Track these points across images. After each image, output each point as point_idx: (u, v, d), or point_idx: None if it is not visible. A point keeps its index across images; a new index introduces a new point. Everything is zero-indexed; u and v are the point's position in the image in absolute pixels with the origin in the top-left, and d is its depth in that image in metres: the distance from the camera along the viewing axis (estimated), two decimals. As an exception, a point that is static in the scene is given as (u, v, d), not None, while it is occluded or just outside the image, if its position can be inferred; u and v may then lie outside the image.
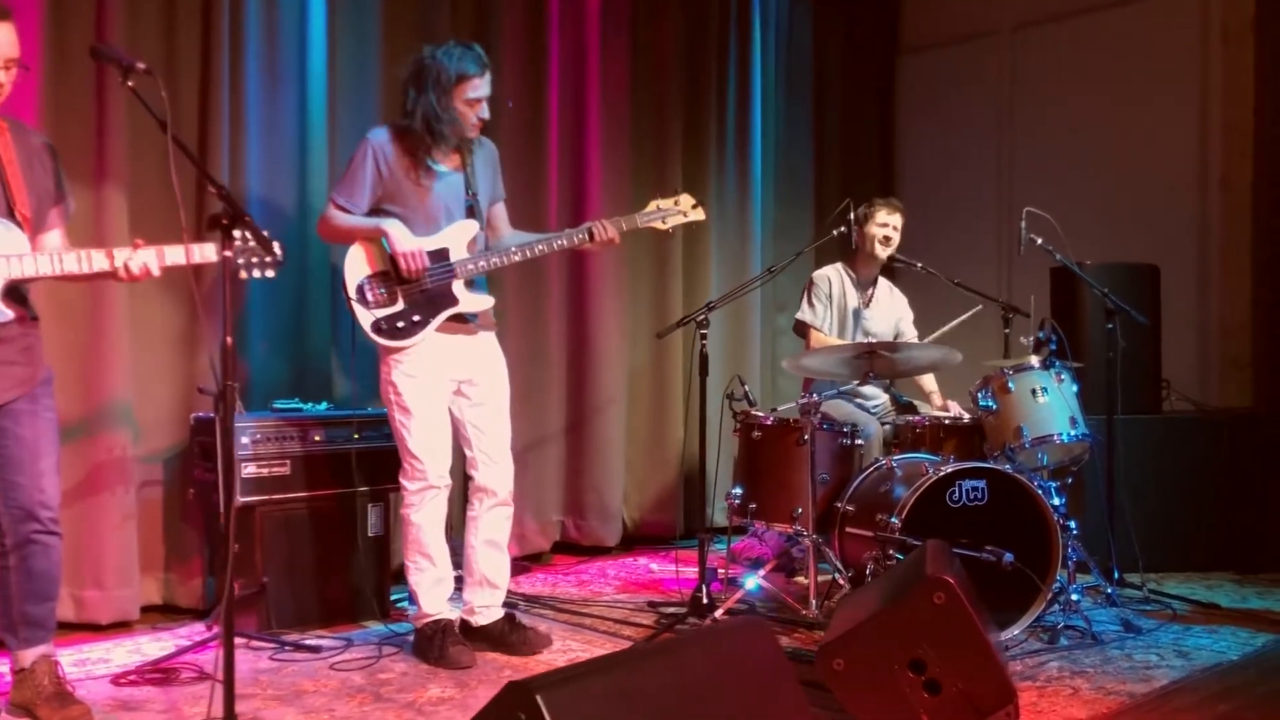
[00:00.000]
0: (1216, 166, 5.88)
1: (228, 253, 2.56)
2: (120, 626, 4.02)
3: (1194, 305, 5.86)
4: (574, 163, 5.47)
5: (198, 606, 4.19)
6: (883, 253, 4.75)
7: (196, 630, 3.93)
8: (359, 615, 4.10)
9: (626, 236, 3.87)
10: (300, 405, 4.17)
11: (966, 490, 3.76)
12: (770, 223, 6.39)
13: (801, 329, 4.88)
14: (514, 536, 5.21)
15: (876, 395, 4.87)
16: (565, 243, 3.71)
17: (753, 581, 4.07)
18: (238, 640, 3.73)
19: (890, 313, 4.92)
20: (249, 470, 3.89)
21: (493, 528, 3.74)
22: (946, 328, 5.02)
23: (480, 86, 3.60)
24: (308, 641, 3.78)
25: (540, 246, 3.74)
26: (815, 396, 4.07)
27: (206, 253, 2.94)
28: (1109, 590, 4.31)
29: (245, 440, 3.89)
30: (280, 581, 3.94)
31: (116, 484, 4.01)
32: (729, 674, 1.95)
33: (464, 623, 3.74)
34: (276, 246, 2.83)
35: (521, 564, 5.14)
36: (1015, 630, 3.69)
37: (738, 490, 4.27)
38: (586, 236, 3.69)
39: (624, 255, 5.58)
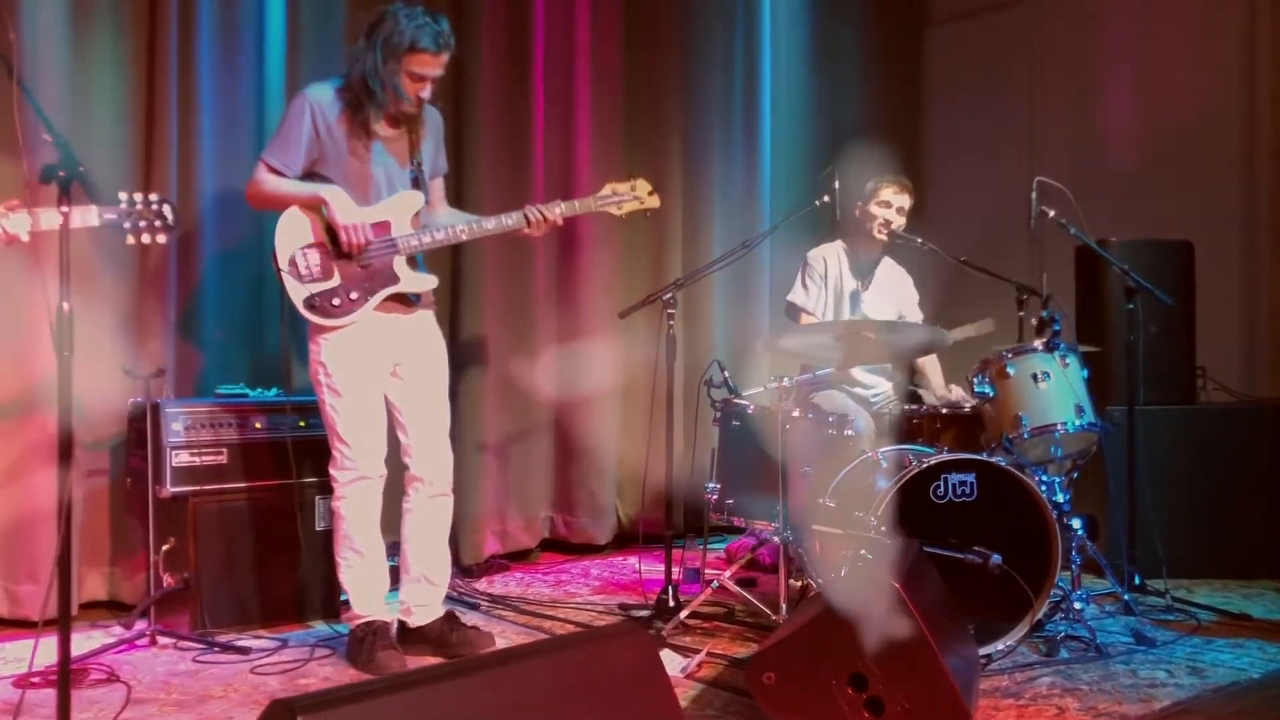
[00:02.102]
0: (1265, 137, 5.40)
1: (64, 209, 2.28)
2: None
3: (1237, 286, 5.38)
4: (562, 141, 5.17)
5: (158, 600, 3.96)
6: (884, 235, 4.38)
7: (138, 628, 3.69)
8: (305, 614, 3.84)
9: (621, 221, 3.61)
10: (246, 391, 3.93)
11: (954, 485, 3.39)
12: (781, 205, 6.02)
13: (793, 311, 4.53)
14: (496, 533, 4.98)
15: (877, 384, 4.50)
16: (497, 225, 3.41)
17: (715, 583, 3.73)
18: (165, 640, 3.55)
19: (892, 296, 4.54)
20: (181, 459, 3.66)
21: (429, 520, 3.45)
22: (956, 336, 4.66)
23: (431, 65, 3.33)
24: (239, 642, 3.54)
25: (489, 224, 3.46)
26: (788, 382, 3.70)
27: (89, 218, 2.69)
28: (1126, 597, 3.90)
29: (177, 427, 3.66)
30: (217, 578, 3.70)
31: (48, 473, 3.78)
32: (576, 691, 1.63)
33: (401, 624, 3.47)
34: (138, 200, 2.55)
35: (501, 562, 4.87)
36: (1003, 642, 3.31)
37: (714, 485, 3.94)
38: (522, 220, 3.39)
39: (619, 238, 5.28)
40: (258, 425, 3.79)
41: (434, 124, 3.54)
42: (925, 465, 3.35)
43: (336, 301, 3.31)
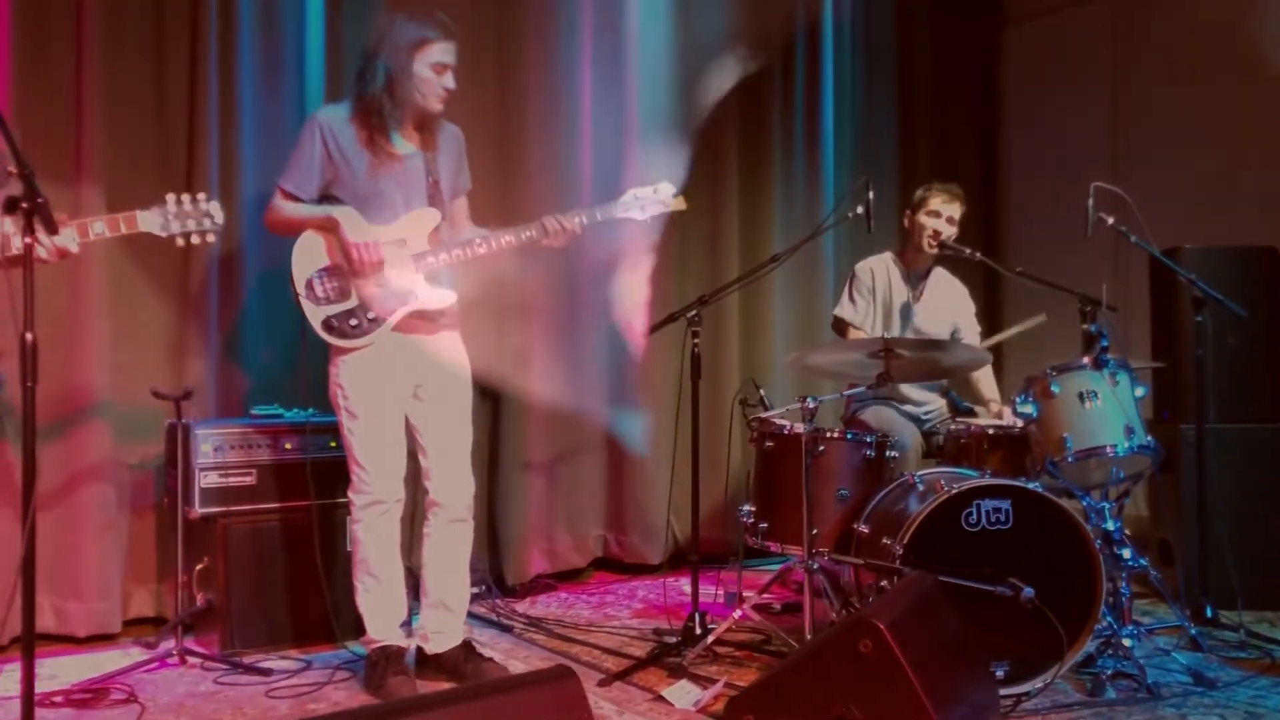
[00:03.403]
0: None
1: (27, 239, 2.29)
2: (103, 639, 3.88)
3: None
4: (611, 145, 5.06)
5: (186, 620, 4.03)
6: (934, 246, 4.19)
7: (164, 647, 3.74)
8: (337, 635, 3.83)
9: (675, 231, 3.53)
10: (281, 411, 3.95)
11: (987, 511, 3.20)
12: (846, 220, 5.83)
13: (840, 326, 4.37)
14: (544, 552, 4.93)
15: (929, 400, 4.32)
16: (515, 238, 3.35)
17: (738, 612, 3.59)
18: (193, 660, 3.59)
19: (946, 309, 4.34)
20: (209, 480, 3.68)
21: (448, 546, 3.40)
22: (1004, 334, 4.44)
23: (443, 52, 3.31)
24: (265, 664, 3.55)
25: (508, 237, 3.41)
26: (811, 402, 3.54)
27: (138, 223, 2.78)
28: (1193, 631, 3.64)
29: (206, 448, 3.69)
30: (247, 598, 3.71)
31: (95, 490, 3.88)
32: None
33: (420, 649, 3.43)
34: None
35: (547, 581, 4.81)
36: (1035, 682, 3.10)
37: (748, 508, 3.81)
38: (541, 231, 3.33)
39: (674, 249, 5.17)
40: (288, 446, 3.80)
41: (454, 141, 3.50)
42: (954, 491, 3.17)
43: (354, 322, 3.29)
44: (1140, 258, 4.55)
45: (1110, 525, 3.38)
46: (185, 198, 3.00)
